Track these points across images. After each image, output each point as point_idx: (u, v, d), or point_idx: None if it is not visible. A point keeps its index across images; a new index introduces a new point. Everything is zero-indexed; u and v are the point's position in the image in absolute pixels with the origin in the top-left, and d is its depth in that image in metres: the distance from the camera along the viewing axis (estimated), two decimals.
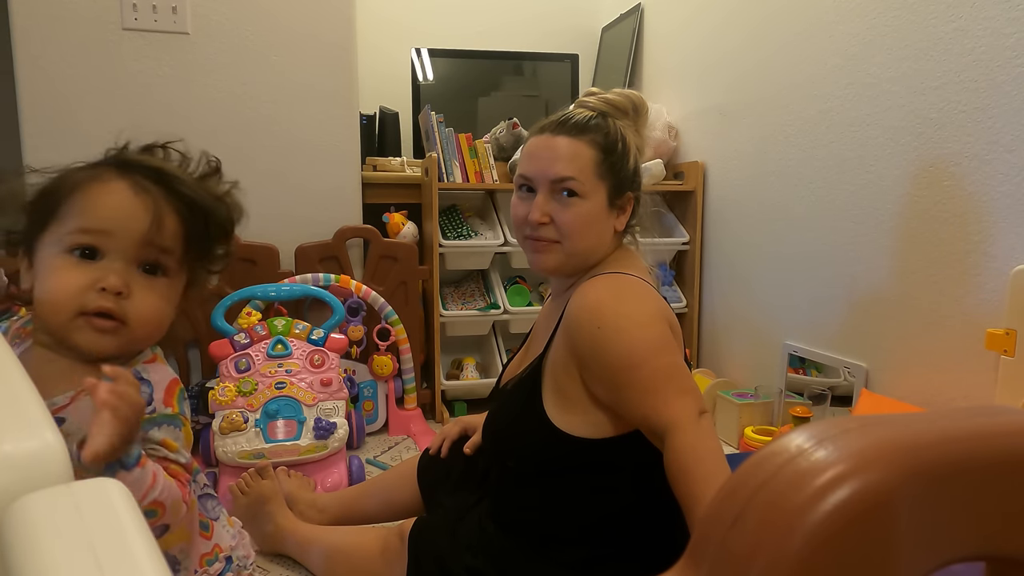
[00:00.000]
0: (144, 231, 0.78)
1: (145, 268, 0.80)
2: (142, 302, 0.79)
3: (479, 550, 1.08)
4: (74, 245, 0.77)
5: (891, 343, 1.61)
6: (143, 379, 0.81)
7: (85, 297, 0.76)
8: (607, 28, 2.81)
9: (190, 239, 0.83)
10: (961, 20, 1.41)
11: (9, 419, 0.40)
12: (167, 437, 0.80)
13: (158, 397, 0.81)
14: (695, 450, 0.90)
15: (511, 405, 1.13)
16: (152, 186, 0.80)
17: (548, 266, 1.11)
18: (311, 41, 2.03)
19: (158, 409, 0.81)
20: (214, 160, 0.91)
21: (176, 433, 0.81)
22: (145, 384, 0.81)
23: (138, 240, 0.78)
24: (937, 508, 0.33)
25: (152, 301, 0.81)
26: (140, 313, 0.79)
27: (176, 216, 0.81)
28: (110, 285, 0.77)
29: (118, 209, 0.78)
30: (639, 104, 1.16)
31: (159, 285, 0.82)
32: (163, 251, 0.81)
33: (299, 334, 1.81)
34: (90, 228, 0.77)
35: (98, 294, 0.77)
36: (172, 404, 0.82)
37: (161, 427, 0.80)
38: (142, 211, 0.79)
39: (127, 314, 0.78)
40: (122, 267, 0.78)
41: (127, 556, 0.31)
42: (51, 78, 1.83)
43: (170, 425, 0.81)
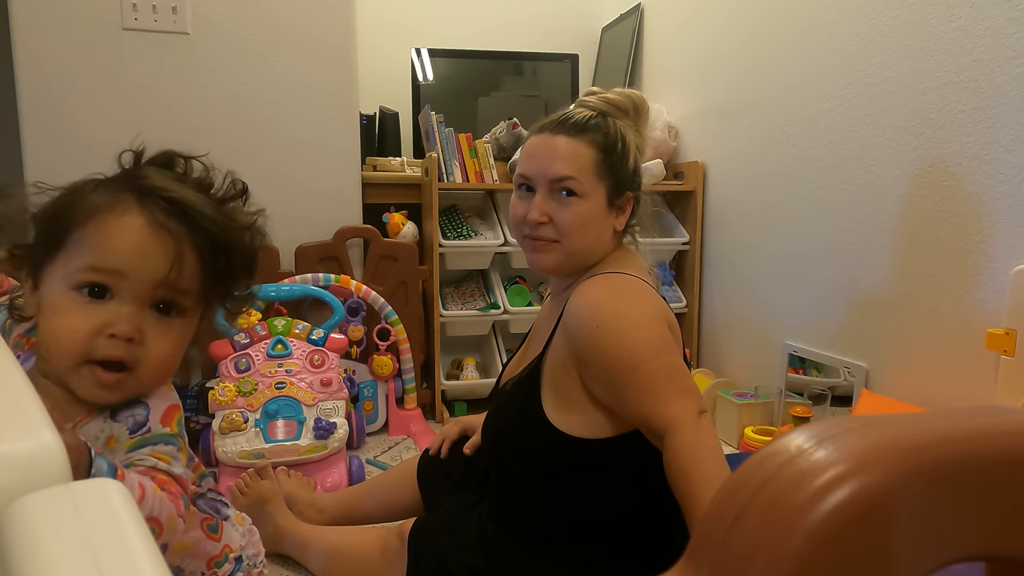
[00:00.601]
0: (163, 274, 0.72)
1: (158, 307, 0.74)
2: (155, 347, 0.73)
3: (479, 550, 1.08)
4: (83, 283, 0.70)
5: (891, 343, 1.61)
6: (141, 402, 0.76)
7: (93, 343, 0.70)
8: (607, 28, 2.81)
9: (209, 277, 0.76)
10: (961, 20, 1.41)
11: (8, 420, 0.40)
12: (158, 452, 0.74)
13: (155, 417, 0.76)
14: (695, 450, 0.90)
15: (510, 405, 1.13)
16: (174, 224, 0.73)
17: (547, 266, 1.11)
18: (311, 41, 2.03)
19: (154, 429, 0.75)
20: (240, 183, 0.84)
21: (172, 452, 0.75)
22: (141, 407, 0.76)
23: (154, 283, 0.72)
24: (937, 508, 0.33)
25: (165, 345, 0.74)
26: (151, 359, 0.73)
27: (196, 254, 0.74)
28: (120, 332, 0.70)
29: (135, 249, 0.71)
30: (640, 104, 1.15)
31: (174, 326, 0.75)
32: (180, 292, 0.74)
33: (299, 334, 1.81)
34: (102, 267, 0.70)
35: (107, 341, 0.70)
36: (170, 425, 0.77)
37: (158, 445, 0.75)
38: (161, 253, 0.72)
39: (138, 360, 0.72)
40: (133, 310, 0.71)
41: (126, 556, 0.31)
42: (51, 78, 1.83)
43: (168, 444, 0.75)
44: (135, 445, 0.73)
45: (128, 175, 0.76)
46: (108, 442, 0.74)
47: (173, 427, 0.77)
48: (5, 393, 0.44)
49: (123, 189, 0.74)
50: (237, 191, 0.83)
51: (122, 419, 0.74)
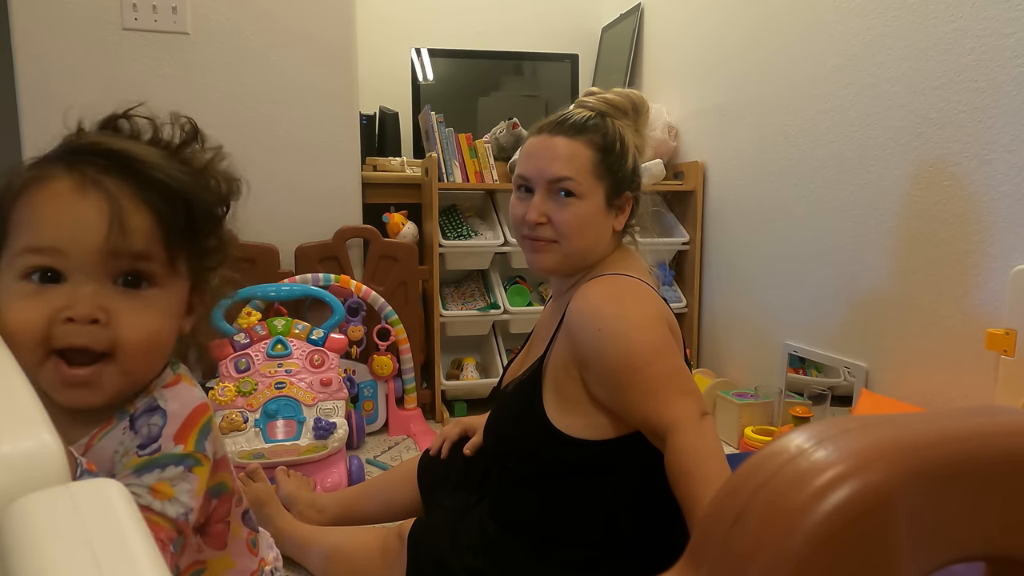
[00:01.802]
0: (101, 240, 0.61)
1: (127, 280, 0.63)
2: (130, 327, 0.63)
3: (479, 550, 1.08)
4: (28, 269, 0.61)
5: (891, 343, 1.61)
6: (157, 408, 0.67)
7: (51, 332, 0.60)
8: (607, 28, 2.81)
9: (171, 234, 0.65)
10: (961, 20, 1.41)
11: (7, 420, 0.40)
12: (164, 482, 0.64)
13: (169, 432, 0.66)
14: (696, 451, 0.90)
15: (512, 407, 1.13)
16: (106, 178, 0.62)
17: (546, 266, 1.11)
18: (311, 41, 2.03)
19: (164, 447, 0.65)
20: (189, 124, 0.72)
21: (184, 475, 0.65)
22: (158, 414, 0.66)
23: (98, 252, 0.61)
24: (937, 508, 0.33)
25: (142, 321, 0.63)
26: (129, 339, 0.62)
27: (146, 209, 0.63)
28: (79, 314, 0.60)
29: (65, 218, 0.61)
30: (639, 104, 1.15)
31: (148, 299, 0.65)
32: (138, 257, 0.63)
33: (299, 334, 1.81)
34: (39, 247, 0.61)
35: (66, 326, 0.60)
36: (185, 441, 0.66)
37: (165, 469, 0.64)
38: (94, 214, 0.61)
39: (112, 345, 0.62)
40: (93, 288, 0.61)
41: (126, 556, 0.31)
42: (51, 78, 1.83)
43: (178, 466, 0.65)
44: (141, 466, 0.63)
45: (63, 142, 0.68)
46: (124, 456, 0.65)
47: (189, 444, 0.66)
48: (4, 393, 0.44)
49: (53, 157, 0.65)
50: (187, 133, 0.72)
51: (139, 429, 0.66)
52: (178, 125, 0.72)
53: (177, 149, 0.71)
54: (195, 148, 0.72)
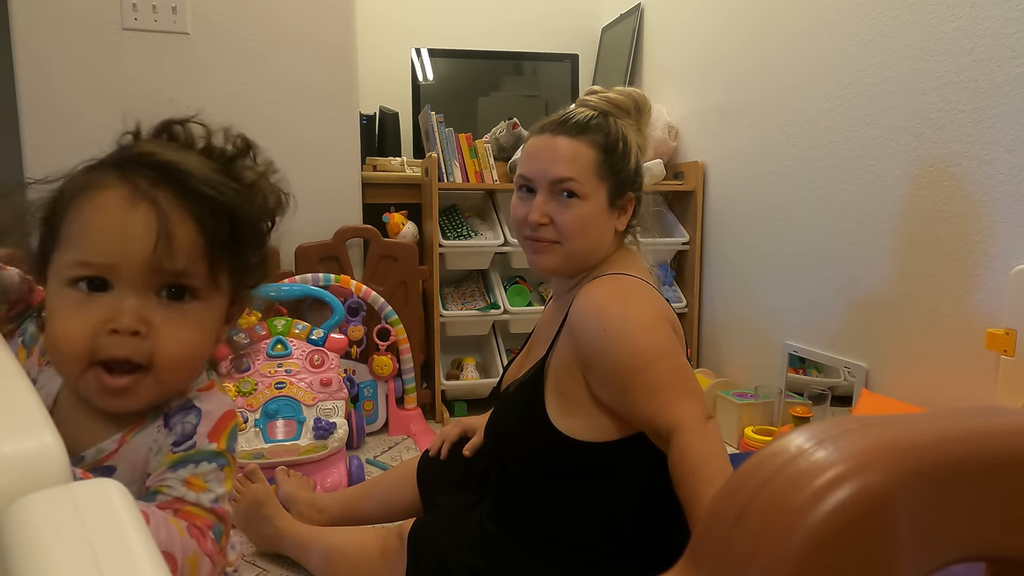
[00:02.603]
0: (148, 254, 0.61)
1: (170, 292, 0.64)
2: (169, 340, 0.63)
3: (479, 550, 1.08)
4: (76, 278, 0.62)
5: (891, 343, 1.61)
6: (193, 407, 0.68)
7: (95, 343, 0.61)
8: (607, 28, 2.81)
9: (217, 249, 0.65)
10: (961, 20, 1.41)
11: (8, 420, 0.40)
12: (198, 476, 0.65)
13: (203, 430, 0.67)
14: (702, 452, 0.90)
15: (513, 408, 1.13)
16: (157, 190, 0.62)
17: (548, 267, 1.11)
18: (311, 41, 2.03)
19: (199, 444, 0.66)
20: (241, 139, 0.73)
21: (216, 473, 0.66)
22: (193, 413, 0.68)
23: (145, 266, 0.62)
24: (937, 509, 0.33)
25: (181, 335, 0.64)
26: (167, 355, 0.63)
27: (192, 223, 0.63)
28: (122, 326, 0.61)
29: (115, 231, 0.62)
30: (641, 102, 1.15)
31: (190, 312, 0.65)
32: (182, 274, 0.64)
33: (299, 334, 1.81)
34: (88, 261, 0.62)
35: (110, 339, 0.61)
36: (219, 440, 0.68)
37: (199, 464, 0.65)
38: (143, 228, 0.61)
39: (152, 356, 0.63)
40: (137, 301, 0.62)
41: (126, 556, 0.31)
42: (51, 78, 1.83)
43: (211, 463, 0.66)
44: (176, 462, 0.65)
45: (118, 149, 0.68)
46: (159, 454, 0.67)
47: (222, 443, 0.68)
48: (5, 394, 0.44)
49: (107, 164, 0.65)
50: (239, 148, 0.73)
51: (173, 426, 0.67)
52: (230, 139, 0.73)
53: (228, 162, 0.71)
54: (245, 162, 0.73)
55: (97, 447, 0.66)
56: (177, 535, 0.58)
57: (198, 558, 0.60)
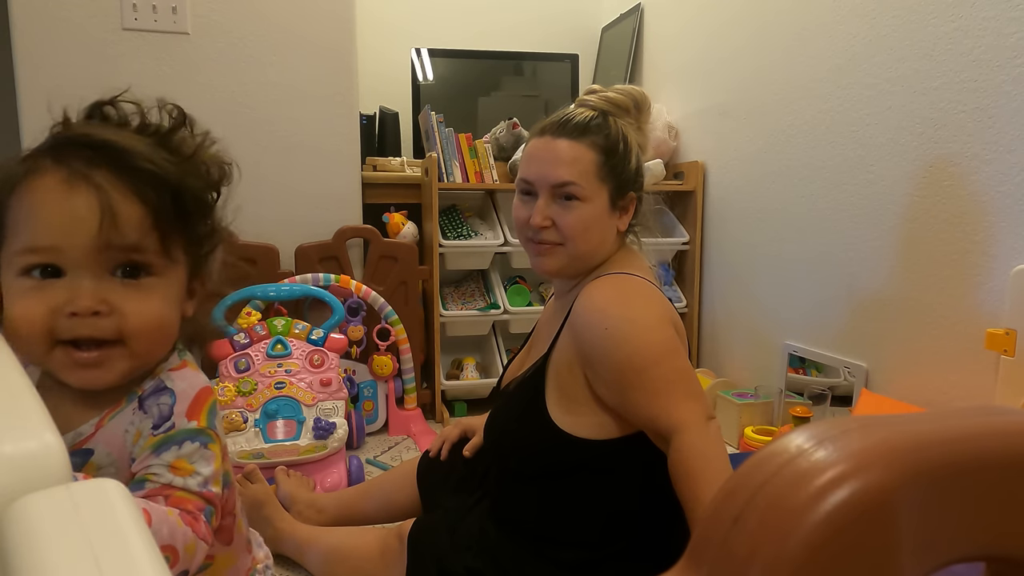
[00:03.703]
0: (94, 234, 0.61)
1: (125, 271, 0.64)
2: (132, 313, 0.64)
3: (479, 551, 1.08)
4: (27, 266, 0.62)
5: (891, 343, 1.61)
6: (166, 388, 0.69)
7: (54, 324, 0.62)
8: (607, 28, 2.81)
9: (162, 223, 0.65)
10: (961, 20, 1.41)
11: (8, 420, 0.40)
12: (183, 458, 0.66)
13: (180, 409, 0.68)
14: (704, 453, 0.90)
15: (514, 406, 1.13)
16: (94, 170, 0.62)
17: (551, 269, 1.11)
18: (311, 41, 2.03)
19: (178, 424, 0.67)
20: (173, 108, 0.72)
21: (201, 452, 0.67)
22: (167, 394, 0.68)
23: (93, 246, 0.62)
24: (937, 508, 0.33)
25: (143, 309, 0.65)
26: (133, 326, 0.64)
27: (136, 199, 0.63)
28: (80, 308, 0.61)
29: (57, 214, 0.62)
30: (641, 100, 1.15)
31: (148, 287, 0.66)
32: (133, 249, 0.64)
33: (299, 334, 1.81)
34: (35, 247, 0.62)
35: (69, 320, 0.62)
36: (198, 417, 0.68)
37: (182, 445, 0.66)
38: (85, 209, 0.61)
39: (119, 331, 0.64)
40: (92, 282, 0.62)
41: (126, 556, 0.31)
42: (51, 78, 1.83)
43: (194, 442, 0.67)
44: (158, 444, 0.66)
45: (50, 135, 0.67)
46: (136, 437, 0.67)
47: (201, 420, 0.69)
48: (6, 394, 0.44)
49: (41, 150, 0.65)
50: (175, 121, 0.71)
51: (148, 409, 0.68)
52: (165, 111, 0.71)
53: (164, 136, 0.70)
54: (183, 134, 0.72)
55: (75, 431, 0.67)
56: (177, 528, 0.59)
57: (195, 544, 0.61)
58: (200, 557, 0.63)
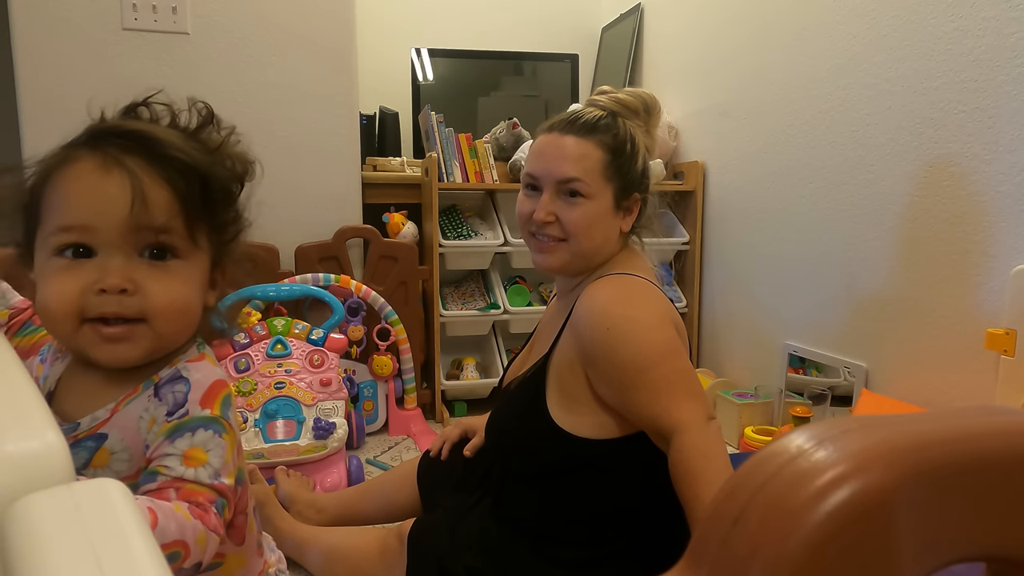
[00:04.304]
0: (126, 215, 0.65)
1: (152, 253, 0.68)
2: (157, 293, 0.67)
3: (479, 550, 1.08)
4: (61, 246, 0.66)
5: (891, 343, 1.61)
6: (181, 377, 0.71)
7: (84, 303, 0.65)
8: (607, 28, 2.81)
9: (189, 208, 0.69)
10: (961, 20, 1.41)
11: (11, 419, 0.40)
12: (196, 447, 0.67)
13: (194, 397, 0.69)
14: (704, 453, 0.90)
15: (515, 404, 1.13)
16: (127, 156, 0.67)
17: (552, 266, 1.11)
18: (311, 41, 2.03)
19: (191, 411, 0.69)
20: (203, 106, 0.77)
21: (215, 440, 0.68)
22: (182, 382, 0.70)
23: (124, 226, 0.65)
24: (938, 508, 0.33)
25: (168, 289, 0.68)
26: (157, 306, 0.67)
27: (165, 185, 0.67)
28: (109, 285, 0.65)
29: (91, 195, 0.66)
30: (651, 104, 1.15)
31: (173, 269, 0.69)
32: (161, 231, 0.68)
33: (299, 334, 1.81)
34: (69, 225, 0.66)
35: (98, 297, 0.65)
36: (212, 406, 0.70)
37: (195, 432, 0.67)
38: (118, 191, 0.65)
39: (143, 310, 0.67)
40: (121, 261, 0.66)
41: (128, 556, 0.31)
42: (51, 78, 1.83)
43: (207, 430, 0.68)
44: (172, 431, 0.67)
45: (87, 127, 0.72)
46: (150, 424, 0.69)
47: (215, 408, 0.70)
48: (8, 394, 0.44)
49: (78, 140, 0.70)
50: (204, 118, 0.77)
51: (163, 396, 0.70)
52: (195, 110, 0.76)
53: (194, 132, 0.75)
54: (211, 130, 0.77)
55: (92, 415, 0.69)
56: (185, 521, 0.60)
57: (205, 536, 0.62)
58: (213, 548, 0.63)
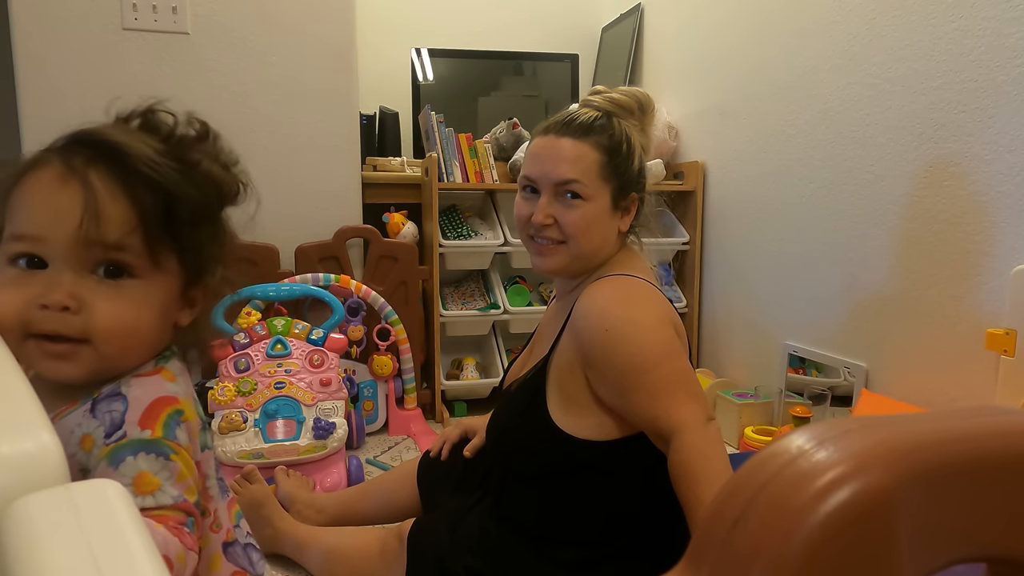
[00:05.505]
0: (74, 229, 0.62)
1: (106, 271, 0.64)
2: (102, 313, 0.63)
3: (479, 551, 1.08)
4: (13, 255, 0.63)
5: (891, 343, 1.61)
6: (119, 394, 0.66)
7: (27, 316, 0.62)
8: (607, 28, 2.81)
9: (150, 227, 0.65)
10: (961, 20, 1.41)
11: (6, 421, 0.40)
12: (143, 471, 0.62)
13: (132, 417, 0.64)
14: (704, 454, 0.90)
15: (515, 406, 1.13)
16: (90, 168, 0.63)
17: (552, 268, 1.11)
18: (311, 41, 2.03)
19: (129, 433, 0.63)
20: (199, 124, 0.73)
21: (162, 464, 0.63)
22: (119, 400, 0.65)
23: (73, 240, 0.62)
24: (938, 509, 0.33)
25: (117, 311, 0.64)
26: (101, 327, 0.63)
27: (124, 200, 0.64)
28: (51, 301, 0.62)
29: (45, 205, 0.63)
30: (645, 103, 1.15)
31: (126, 288, 0.65)
32: (114, 248, 0.64)
33: (299, 334, 1.81)
34: (21, 234, 0.63)
35: (40, 312, 0.62)
36: (152, 427, 0.64)
37: (137, 456, 0.62)
38: (69, 204, 0.62)
39: (85, 331, 0.63)
40: (70, 277, 0.63)
41: (125, 557, 0.31)
42: (51, 78, 1.83)
43: (150, 454, 0.62)
44: (111, 455, 0.62)
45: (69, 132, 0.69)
46: (83, 440, 0.65)
47: (157, 429, 0.64)
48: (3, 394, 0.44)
49: (53, 146, 0.67)
50: (197, 133, 0.72)
51: (100, 415, 0.65)
52: (190, 126, 0.73)
53: (178, 145, 0.71)
54: (201, 148, 0.72)
55: None
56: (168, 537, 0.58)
57: (184, 553, 0.59)
58: (192, 566, 0.61)
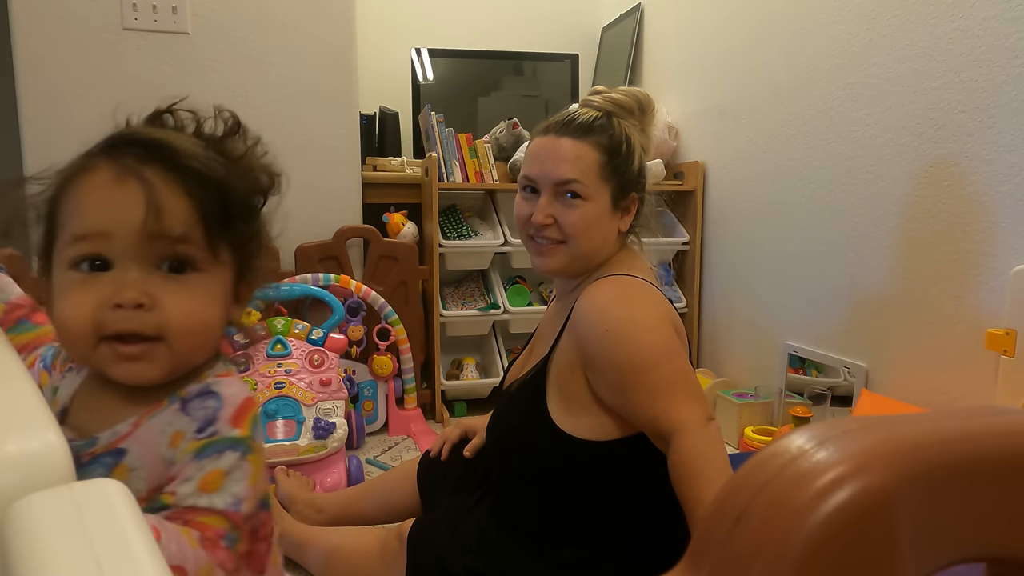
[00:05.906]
0: (140, 224, 0.62)
1: (171, 267, 0.65)
2: (175, 309, 0.64)
3: (479, 550, 1.08)
4: (76, 257, 0.63)
5: (891, 343, 1.61)
6: (211, 392, 0.67)
7: (101, 317, 0.62)
8: (607, 28, 2.81)
9: (207, 220, 0.66)
10: (961, 20, 1.41)
11: (11, 420, 0.40)
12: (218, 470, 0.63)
13: (225, 414, 0.66)
14: (704, 454, 0.90)
15: (515, 406, 1.13)
16: (144, 166, 0.64)
17: (552, 268, 1.11)
18: (311, 41, 2.03)
19: (221, 430, 0.65)
20: (228, 115, 0.74)
21: (238, 463, 0.64)
22: (213, 398, 0.67)
23: (139, 235, 0.63)
24: (938, 509, 0.33)
25: (187, 305, 0.65)
26: (175, 322, 0.64)
27: (183, 195, 0.65)
28: (125, 300, 0.62)
29: (106, 204, 0.63)
30: (645, 103, 1.15)
31: (192, 283, 0.66)
32: (179, 241, 0.65)
33: (299, 334, 1.81)
34: (85, 233, 0.63)
35: (115, 313, 0.62)
36: (242, 425, 0.66)
37: (223, 454, 0.64)
38: (132, 199, 0.63)
39: (160, 327, 0.64)
40: (138, 274, 0.63)
41: (127, 556, 0.31)
42: (51, 78, 1.83)
43: (234, 451, 0.64)
44: (200, 450, 0.64)
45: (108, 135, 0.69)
46: (174, 438, 0.65)
47: (245, 428, 0.67)
48: (9, 394, 0.44)
49: (97, 149, 0.67)
50: (228, 127, 0.74)
51: (192, 411, 0.66)
52: (221, 119, 0.74)
53: (217, 141, 0.72)
54: (235, 140, 0.74)
55: (112, 429, 0.66)
56: (188, 548, 0.57)
57: (210, 569, 0.58)
58: None
